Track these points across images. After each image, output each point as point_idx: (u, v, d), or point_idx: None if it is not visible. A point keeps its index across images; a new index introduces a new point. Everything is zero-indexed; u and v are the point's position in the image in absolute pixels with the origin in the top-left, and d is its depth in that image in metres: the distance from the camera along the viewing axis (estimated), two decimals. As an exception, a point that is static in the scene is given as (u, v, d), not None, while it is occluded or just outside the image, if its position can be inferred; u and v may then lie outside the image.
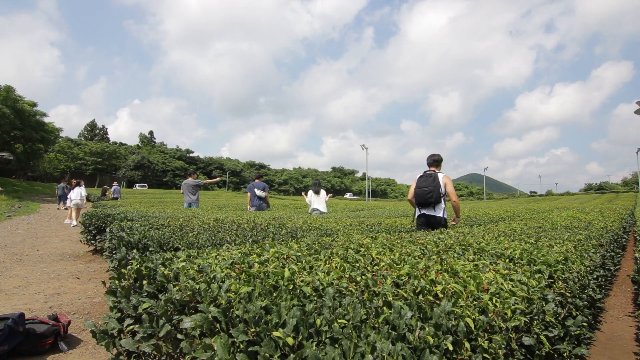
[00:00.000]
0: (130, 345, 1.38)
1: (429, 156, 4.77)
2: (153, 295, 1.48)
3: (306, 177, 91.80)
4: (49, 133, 29.45)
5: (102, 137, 75.13)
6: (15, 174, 34.59)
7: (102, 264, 5.09)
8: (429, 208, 4.49)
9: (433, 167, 4.68)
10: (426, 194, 4.41)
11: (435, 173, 4.53)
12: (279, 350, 1.02)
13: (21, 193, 22.90)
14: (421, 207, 4.56)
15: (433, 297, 1.36)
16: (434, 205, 4.46)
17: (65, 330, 2.62)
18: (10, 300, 3.52)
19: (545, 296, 1.57)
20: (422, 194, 4.44)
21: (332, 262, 1.80)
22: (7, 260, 5.30)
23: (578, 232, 3.81)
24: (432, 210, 4.48)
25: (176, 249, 3.07)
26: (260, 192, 8.60)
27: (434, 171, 4.59)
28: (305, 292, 1.32)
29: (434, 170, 4.61)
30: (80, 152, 53.57)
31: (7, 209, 14.12)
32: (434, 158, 4.72)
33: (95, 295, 3.74)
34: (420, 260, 1.94)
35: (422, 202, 4.47)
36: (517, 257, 2.17)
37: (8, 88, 25.08)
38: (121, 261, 2.41)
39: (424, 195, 4.43)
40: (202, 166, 79.36)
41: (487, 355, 1.13)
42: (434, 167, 4.68)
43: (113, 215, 5.31)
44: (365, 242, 2.60)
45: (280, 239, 3.65)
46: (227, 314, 1.17)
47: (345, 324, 1.09)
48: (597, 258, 2.89)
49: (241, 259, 1.76)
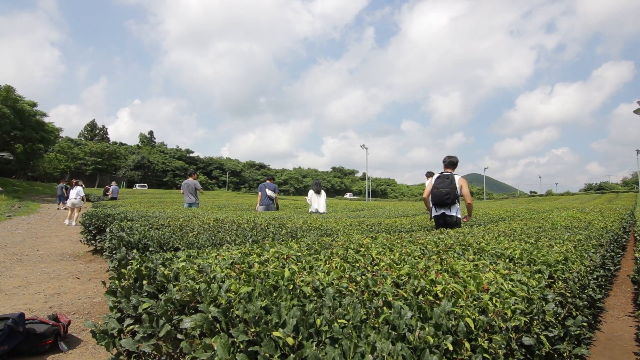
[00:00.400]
0: (130, 345, 1.38)
1: (447, 157, 4.94)
2: (153, 295, 1.48)
3: (306, 177, 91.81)
4: (49, 133, 29.44)
5: (102, 137, 75.14)
6: (15, 174, 34.59)
7: (102, 264, 5.09)
8: (446, 208, 4.70)
9: (449, 169, 4.86)
10: (444, 195, 4.61)
11: (452, 175, 4.73)
12: (279, 350, 1.02)
13: (21, 193, 22.90)
14: (438, 207, 4.76)
15: (433, 297, 1.36)
16: (450, 206, 4.67)
17: (65, 330, 2.62)
18: (10, 300, 3.52)
19: (545, 296, 1.57)
20: (440, 194, 4.63)
21: (332, 262, 1.80)
22: (7, 260, 5.30)
23: (578, 232, 3.81)
24: (448, 210, 4.69)
25: (176, 249, 3.07)
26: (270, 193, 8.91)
27: (450, 173, 4.77)
28: (305, 292, 1.32)
29: (450, 172, 4.79)
30: (80, 152, 53.57)
31: (7, 209, 14.12)
32: (451, 160, 4.90)
33: (95, 295, 3.74)
34: (420, 260, 1.94)
35: (439, 202, 4.67)
36: (517, 257, 2.17)
37: (8, 88, 25.07)
38: (121, 261, 2.41)
39: (441, 196, 4.63)
40: (202, 166, 79.36)
41: (487, 355, 1.13)
42: (449, 169, 4.86)
43: (113, 215, 5.31)
44: (365, 242, 2.60)
45: (280, 239, 3.65)
46: (227, 314, 1.17)
47: (345, 324, 1.09)
48: (597, 258, 2.89)
49: (241, 259, 1.76)
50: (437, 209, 4.77)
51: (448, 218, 4.68)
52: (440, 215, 4.74)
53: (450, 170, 4.83)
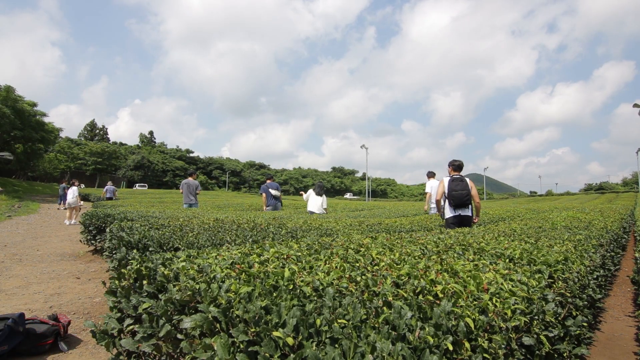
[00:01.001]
0: (130, 345, 1.38)
1: (456, 161, 5.18)
2: (153, 295, 1.48)
3: (306, 177, 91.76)
4: (49, 133, 29.45)
5: (102, 137, 75.15)
6: (15, 174, 34.59)
7: (102, 264, 5.09)
8: (464, 209, 4.97)
9: (457, 172, 5.13)
10: (464, 196, 4.90)
11: (464, 177, 5.02)
12: (279, 350, 1.02)
13: (21, 193, 22.90)
14: (457, 207, 4.99)
15: (433, 297, 1.36)
16: (468, 206, 4.98)
17: (65, 330, 2.62)
18: (10, 300, 3.52)
19: (545, 296, 1.57)
20: (461, 196, 4.90)
21: (332, 262, 1.80)
22: (7, 260, 5.30)
23: (578, 232, 3.81)
24: (465, 211, 4.98)
25: (176, 249, 3.07)
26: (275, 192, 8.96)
27: (461, 175, 5.06)
28: (305, 292, 1.32)
29: (460, 175, 5.07)
30: (80, 152, 53.59)
31: (7, 209, 14.12)
32: (460, 163, 5.19)
33: (95, 295, 3.74)
34: (420, 260, 1.94)
35: (460, 203, 4.92)
36: (517, 257, 2.17)
37: (8, 88, 25.07)
38: (121, 261, 2.41)
39: (462, 197, 4.90)
40: (202, 166, 79.35)
41: (487, 355, 1.13)
42: (458, 172, 5.14)
43: (113, 215, 5.31)
44: (365, 242, 2.60)
45: (280, 239, 3.65)
46: (227, 314, 1.17)
47: (345, 324, 1.09)
48: (597, 258, 2.89)
49: (241, 259, 1.76)
50: (455, 210, 5.01)
51: (465, 218, 4.96)
52: (457, 215, 4.98)
53: (459, 173, 5.11)
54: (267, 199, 8.94)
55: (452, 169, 5.15)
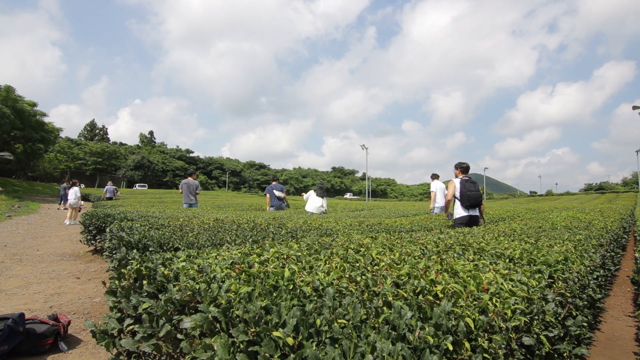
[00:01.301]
0: (130, 345, 1.38)
1: (463, 164, 5.36)
2: (153, 295, 1.48)
3: (306, 177, 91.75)
4: (49, 133, 29.44)
5: (102, 137, 75.13)
6: (15, 174, 34.58)
7: (102, 264, 5.09)
8: (475, 209, 5.18)
9: (465, 174, 5.31)
10: (478, 197, 5.11)
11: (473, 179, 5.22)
12: (279, 350, 1.02)
13: (21, 193, 22.90)
14: (470, 208, 5.17)
15: (433, 297, 1.36)
16: (478, 207, 5.19)
17: (65, 330, 2.62)
18: (10, 300, 3.52)
19: (545, 296, 1.57)
20: (475, 197, 5.10)
21: (332, 262, 1.80)
22: (7, 260, 5.30)
23: (578, 232, 3.81)
24: (476, 211, 5.19)
25: (176, 249, 3.07)
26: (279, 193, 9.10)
27: (470, 177, 5.26)
28: (305, 292, 1.32)
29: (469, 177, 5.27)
30: (80, 152, 53.57)
31: (7, 209, 14.12)
32: (467, 166, 5.37)
33: (95, 295, 3.74)
34: (420, 260, 1.94)
35: (474, 204, 5.12)
36: (517, 257, 2.17)
37: (8, 88, 25.07)
38: (121, 261, 2.41)
39: (477, 198, 5.09)
40: (202, 166, 79.32)
41: (487, 355, 1.13)
42: (466, 174, 5.31)
43: (113, 215, 5.31)
44: (365, 242, 2.60)
45: (280, 239, 3.65)
46: (227, 314, 1.17)
47: (345, 324, 1.09)
48: (597, 258, 2.89)
49: (241, 259, 1.76)
50: (467, 210, 5.17)
51: (474, 217, 5.15)
52: (468, 215, 5.14)
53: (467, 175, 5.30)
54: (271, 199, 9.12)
55: (461, 171, 5.32)
